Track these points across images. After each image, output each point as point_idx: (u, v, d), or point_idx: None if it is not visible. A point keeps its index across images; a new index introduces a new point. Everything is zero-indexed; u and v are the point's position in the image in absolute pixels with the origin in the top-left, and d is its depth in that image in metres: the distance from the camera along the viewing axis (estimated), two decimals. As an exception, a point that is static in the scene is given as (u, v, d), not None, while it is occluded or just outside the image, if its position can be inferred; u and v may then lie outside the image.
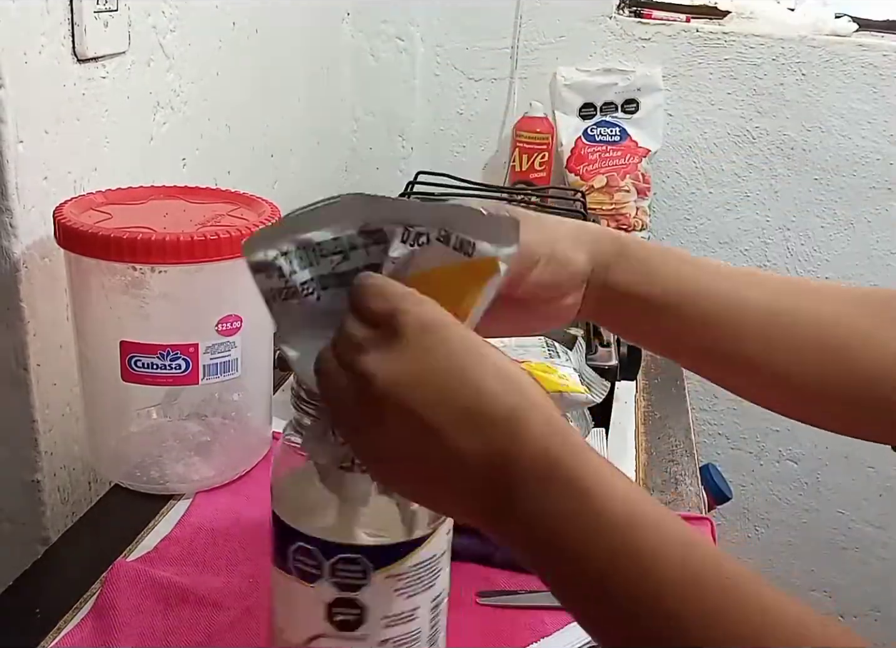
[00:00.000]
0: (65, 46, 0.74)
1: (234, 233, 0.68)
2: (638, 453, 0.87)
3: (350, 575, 0.48)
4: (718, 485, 1.53)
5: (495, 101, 1.60)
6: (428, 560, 0.49)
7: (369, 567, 0.47)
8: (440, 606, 0.52)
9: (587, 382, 0.71)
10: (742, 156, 1.57)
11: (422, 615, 0.50)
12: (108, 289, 0.70)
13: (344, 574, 0.48)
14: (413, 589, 0.49)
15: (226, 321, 0.71)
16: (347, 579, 0.48)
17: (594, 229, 0.52)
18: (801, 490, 1.75)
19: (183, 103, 0.96)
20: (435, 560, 0.49)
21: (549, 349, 0.76)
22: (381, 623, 0.49)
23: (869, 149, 1.52)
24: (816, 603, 1.79)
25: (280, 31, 1.23)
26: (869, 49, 1.48)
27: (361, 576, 0.47)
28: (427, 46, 1.59)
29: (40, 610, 0.62)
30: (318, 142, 1.47)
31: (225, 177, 1.08)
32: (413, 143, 1.63)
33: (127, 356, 0.70)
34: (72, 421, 0.80)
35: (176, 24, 0.92)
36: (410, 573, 0.48)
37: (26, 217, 0.71)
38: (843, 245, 1.59)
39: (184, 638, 0.60)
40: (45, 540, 0.78)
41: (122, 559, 0.67)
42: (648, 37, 1.53)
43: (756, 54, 1.51)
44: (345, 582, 0.48)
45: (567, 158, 1.51)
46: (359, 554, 0.47)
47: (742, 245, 1.62)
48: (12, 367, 0.74)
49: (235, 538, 0.70)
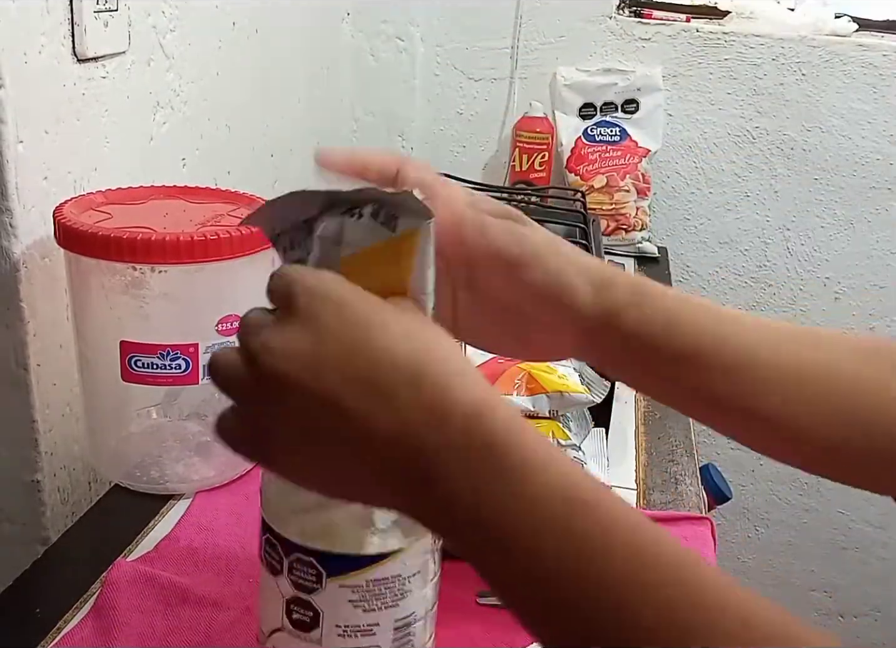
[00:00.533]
0: (65, 46, 0.74)
1: (234, 233, 0.68)
2: (638, 453, 0.87)
3: (305, 577, 0.47)
4: (718, 485, 1.53)
5: (495, 101, 1.60)
6: (388, 578, 0.48)
7: (322, 573, 0.47)
8: (411, 627, 0.50)
9: (587, 382, 0.70)
10: (742, 156, 1.57)
11: (382, 633, 0.49)
12: (108, 289, 0.70)
13: (300, 574, 0.48)
14: (371, 604, 0.48)
15: (226, 321, 0.71)
16: (302, 579, 0.48)
17: (611, 271, 0.49)
18: (801, 490, 1.75)
19: (183, 103, 0.96)
20: (399, 580, 0.48)
21: None
22: (335, 630, 0.48)
23: (869, 149, 1.52)
24: (816, 603, 1.79)
25: (280, 31, 1.23)
26: (869, 49, 1.48)
27: (315, 580, 0.47)
28: (427, 46, 1.59)
29: (40, 610, 0.62)
30: (318, 142, 1.47)
31: (225, 177, 1.08)
32: (413, 143, 1.63)
33: (127, 356, 0.70)
34: (72, 422, 0.80)
35: (176, 24, 0.92)
36: (367, 587, 0.47)
37: (26, 217, 0.71)
38: (843, 245, 1.59)
39: (184, 638, 0.60)
40: (45, 540, 0.78)
41: (122, 559, 0.67)
42: (648, 37, 1.53)
43: (756, 54, 1.51)
44: (300, 582, 0.48)
45: (567, 158, 1.51)
46: (311, 558, 0.47)
47: (742, 245, 1.62)
48: (12, 367, 0.74)
49: (235, 538, 0.70)
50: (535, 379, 0.70)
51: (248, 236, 0.69)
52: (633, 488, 0.80)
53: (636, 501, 0.78)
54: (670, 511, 0.77)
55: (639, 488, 0.81)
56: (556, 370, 0.71)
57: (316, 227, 0.42)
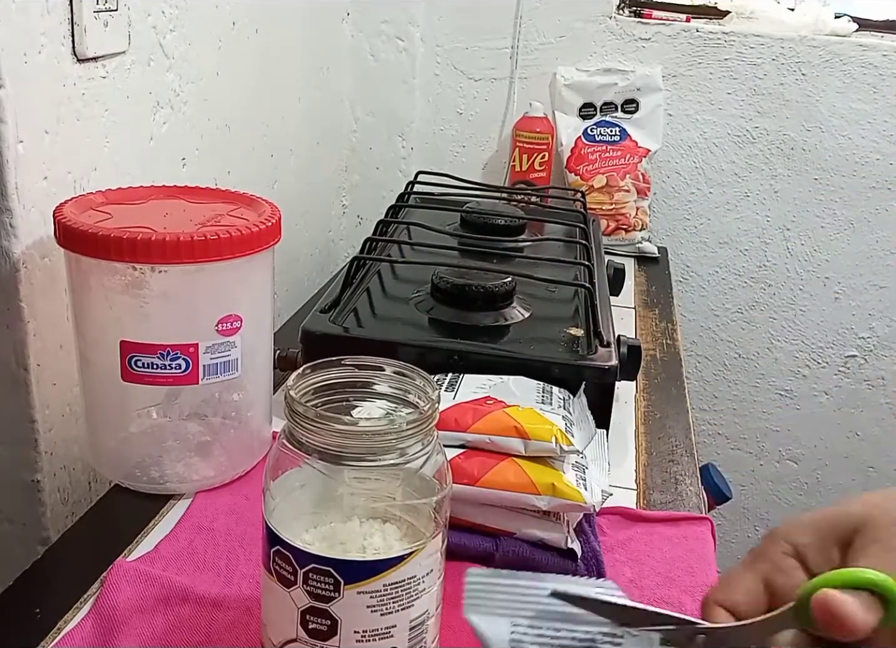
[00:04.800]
0: (65, 46, 0.74)
1: (234, 233, 0.68)
2: (638, 453, 0.87)
3: (321, 586, 0.47)
4: (718, 485, 1.53)
5: (495, 101, 1.60)
6: (405, 580, 0.48)
7: (340, 581, 0.47)
8: (424, 625, 0.51)
9: (570, 430, 0.69)
10: (742, 156, 1.57)
11: (399, 634, 0.49)
12: (108, 288, 0.70)
13: (316, 584, 0.47)
14: (388, 608, 0.48)
15: (226, 321, 0.71)
16: (319, 589, 0.47)
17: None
18: (801, 490, 1.75)
19: (183, 103, 0.96)
20: (414, 580, 0.48)
21: (542, 394, 0.75)
22: (353, 636, 0.48)
23: (869, 149, 1.52)
24: (816, 603, 1.79)
25: (280, 31, 1.23)
26: (869, 49, 1.48)
27: (332, 589, 0.47)
28: (427, 46, 1.59)
29: (40, 610, 0.62)
30: (318, 142, 1.47)
31: (225, 177, 1.08)
32: (413, 143, 1.63)
33: (127, 356, 0.70)
34: (72, 422, 0.80)
35: (176, 24, 0.92)
36: (384, 591, 0.47)
37: (26, 217, 0.71)
38: (843, 245, 1.59)
39: (184, 638, 0.60)
40: (45, 540, 0.78)
41: (122, 559, 0.67)
42: (648, 37, 1.53)
43: (756, 54, 1.51)
44: (316, 592, 0.48)
45: (567, 158, 1.51)
46: (329, 567, 0.47)
47: (742, 245, 1.62)
48: (12, 367, 0.74)
49: (235, 538, 0.70)
50: (524, 471, 0.66)
51: (248, 236, 0.69)
52: (633, 488, 0.80)
53: (636, 501, 0.78)
54: (670, 511, 0.77)
55: (639, 488, 0.81)
56: (542, 417, 0.69)
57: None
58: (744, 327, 1.68)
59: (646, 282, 1.41)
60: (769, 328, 1.67)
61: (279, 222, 0.74)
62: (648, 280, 1.42)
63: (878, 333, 1.63)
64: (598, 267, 1.05)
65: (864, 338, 1.64)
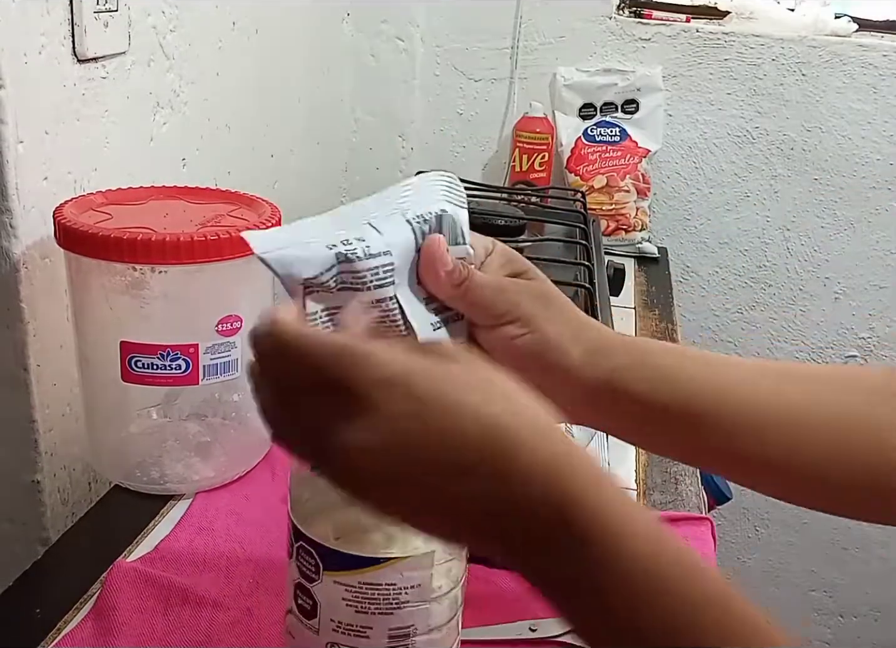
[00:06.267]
0: (65, 46, 0.74)
1: (234, 234, 0.68)
2: (638, 453, 0.87)
3: (307, 565, 0.49)
4: (718, 485, 1.53)
5: (495, 101, 1.60)
6: (382, 585, 0.48)
7: (320, 565, 0.48)
8: (409, 640, 0.50)
9: (569, 430, 0.69)
10: (742, 156, 1.57)
11: (377, 638, 0.49)
12: (108, 289, 0.70)
13: (303, 562, 0.49)
14: (364, 607, 0.48)
15: (226, 321, 0.71)
16: (305, 567, 0.49)
17: (607, 335, 0.50)
18: (801, 490, 1.75)
19: (183, 103, 0.96)
20: (393, 588, 0.48)
21: None
22: (330, 624, 0.49)
23: (869, 149, 1.52)
24: (816, 603, 1.79)
25: (280, 31, 1.23)
26: (869, 49, 1.48)
27: (314, 570, 0.49)
28: (427, 46, 1.59)
29: (40, 611, 0.62)
30: (318, 142, 1.47)
31: (225, 177, 1.08)
32: (413, 144, 1.63)
33: (127, 356, 0.70)
34: (72, 422, 0.80)
35: (176, 24, 0.92)
36: (359, 588, 0.48)
37: (26, 217, 0.71)
38: (843, 245, 1.59)
39: (184, 638, 0.60)
40: (45, 541, 0.78)
41: (122, 559, 0.67)
42: (648, 37, 1.53)
43: (756, 54, 1.51)
44: (303, 570, 0.49)
45: (567, 158, 1.51)
46: (311, 548, 0.48)
47: (742, 245, 1.62)
48: (12, 367, 0.74)
49: (235, 538, 0.70)
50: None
51: (248, 236, 0.69)
52: (633, 488, 0.80)
53: (636, 501, 0.78)
54: (670, 511, 0.77)
55: (639, 488, 0.81)
56: None
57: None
58: (744, 327, 1.67)
59: (646, 282, 1.41)
60: (769, 328, 1.67)
61: (279, 222, 0.74)
62: (648, 280, 1.42)
63: (878, 333, 1.63)
64: (599, 267, 1.05)
65: (864, 338, 1.64)
